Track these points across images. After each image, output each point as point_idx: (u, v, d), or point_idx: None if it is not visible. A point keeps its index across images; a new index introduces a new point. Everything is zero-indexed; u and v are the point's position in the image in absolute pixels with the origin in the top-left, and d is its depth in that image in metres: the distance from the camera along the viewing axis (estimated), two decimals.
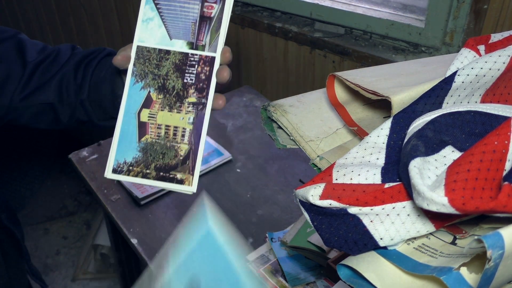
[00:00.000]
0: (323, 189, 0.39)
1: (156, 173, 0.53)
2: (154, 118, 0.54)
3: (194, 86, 0.54)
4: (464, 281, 0.32)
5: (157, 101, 0.54)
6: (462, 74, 0.43)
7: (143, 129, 0.54)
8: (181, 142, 0.54)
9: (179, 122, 0.54)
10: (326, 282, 0.87)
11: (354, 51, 1.24)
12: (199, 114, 0.54)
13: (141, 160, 0.53)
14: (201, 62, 0.54)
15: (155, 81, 0.54)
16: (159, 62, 0.54)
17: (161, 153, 0.53)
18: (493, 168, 0.32)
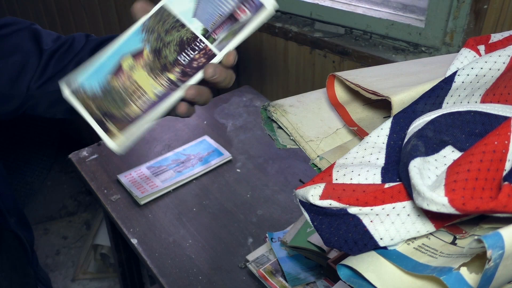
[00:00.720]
0: (323, 189, 0.39)
1: (99, 114, 0.56)
2: (132, 70, 0.55)
3: (182, 67, 0.55)
4: (464, 281, 0.32)
5: (145, 58, 0.55)
6: (462, 74, 0.43)
7: (118, 74, 0.55)
8: (136, 105, 0.55)
9: (148, 88, 0.55)
10: (326, 282, 0.87)
11: (354, 51, 1.24)
12: (168, 92, 0.55)
13: (97, 97, 0.55)
14: (202, 52, 0.55)
15: (156, 42, 0.55)
16: (170, 30, 0.55)
17: (114, 101, 0.55)
18: (493, 168, 0.32)
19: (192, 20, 0.55)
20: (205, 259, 0.96)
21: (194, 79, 0.55)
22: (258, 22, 0.53)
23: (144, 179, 1.16)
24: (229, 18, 0.54)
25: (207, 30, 0.54)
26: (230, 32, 0.54)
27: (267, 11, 0.53)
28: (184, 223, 1.05)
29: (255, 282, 0.91)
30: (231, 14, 0.54)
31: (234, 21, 0.54)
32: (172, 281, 0.91)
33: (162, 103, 0.55)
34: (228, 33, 0.54)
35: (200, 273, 0.93)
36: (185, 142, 1.31)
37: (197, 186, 1.17)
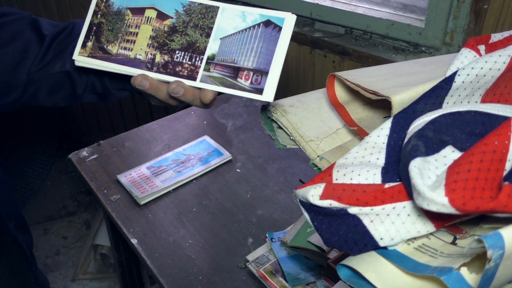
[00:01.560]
0: (323, 189, 0.39)
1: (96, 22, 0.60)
2: (145, 22, 0.58)
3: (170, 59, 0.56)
4: (464, 281, 0.32)
5: (162, 25, 0.57)
6: (462, 74, 0.43)
7: (137, 12, 0.58)
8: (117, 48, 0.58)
9: (137, 46, 0.58)
10: (326, 282, 0.87)
11: (354, 51, 1.24)
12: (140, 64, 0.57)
13: (109, 9, 0.59)
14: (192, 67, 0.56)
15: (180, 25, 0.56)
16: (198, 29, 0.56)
17: (112, 27, 0.59)
18: (493, 168, 0.32)
19: (217, 40, 0.55)
20: (205, 259, 0.96)
21: (165, 77, 0.56)
22: (246, 96, 0.54)
23: (144, 179, 1.16)
24: (233, 70, 0.54)
25: (213, 58, 0.55)
26: (221, 79, 0.54)
27: (260, 97, 0.53)
28: (184, 223, 1.05)
29: (255, 282, 0.91)
30: (238, 69, 0.54)
31: (233, 76, 0.54)
32: (172, 281, 0.91)
33: (130, 68, 0.57)
34: (220, 77, 0.54)
35: (200, 273, 0.93)
36: (185, 142, 1.31)
37: (197, 186, 1.17)
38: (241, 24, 0.54)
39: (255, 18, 0.54)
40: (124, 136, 1.34)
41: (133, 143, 1.32)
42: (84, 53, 0.59)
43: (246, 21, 0.54)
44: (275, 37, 0.53)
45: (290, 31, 0.52)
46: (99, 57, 0.58)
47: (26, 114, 2.43)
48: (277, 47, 0.52)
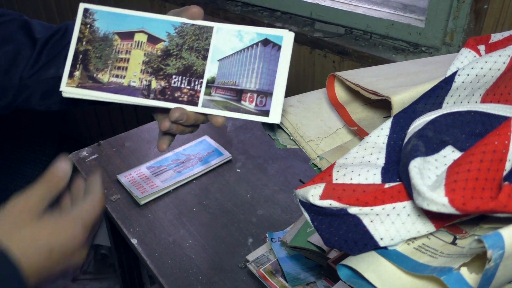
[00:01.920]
0: (323, 189, 0.39)
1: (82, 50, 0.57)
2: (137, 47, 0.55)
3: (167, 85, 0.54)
4: (464, 281, 0.32)
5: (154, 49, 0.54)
6: (462, 74, 0.43)
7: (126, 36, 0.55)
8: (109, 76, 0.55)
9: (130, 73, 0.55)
10: (326, 282, 0.87)
11: (354, 51, 1.24)
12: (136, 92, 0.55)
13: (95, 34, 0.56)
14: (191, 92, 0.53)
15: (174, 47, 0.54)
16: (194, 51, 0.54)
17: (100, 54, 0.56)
18: (493, 168, 0.32)
19: (214, 62, 0.53)
20: (205, 259, 0.96)
21: (164, 104, 0.54)
22: (252, 119, 0.52)
23: (144, 179, 1.16)
24: (236, 93, 0.52)
25: (213, 81, 0.53)
26: (224, 103, 0.52)
27: (267, 120, 0.51)
28: (184, 223, 1.05)
29: (255, 282, 0.91)
30: (241, 92, 0.52)
31: (237, 99, 0.52)
32: (172, 281, 0.91)
33: (124, 96, 0.54)
34: (222, 101, 0.52)
35: (200, 273, 0.93)
36: (185, 142, 1.31)
37: (197, 186, 1.17)
38: (238, 44, 0.52)
39: (252, 37, 0.52)
40: (124, 136, 1.34)
41: (133, 143, 1.32)
42: (72, 83, 0.55)
43: (243, 40, 0.52)
44: (275, 56, 0.51)
45: (290, 49, 0.51)
46: (89, 87, 0.55)
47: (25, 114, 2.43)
48: (278, 66, 0.51)
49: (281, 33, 0.51)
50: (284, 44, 0.51)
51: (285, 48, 0.51)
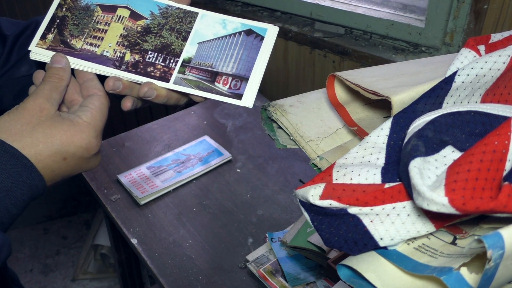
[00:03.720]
0: (323, 189, 0.39)
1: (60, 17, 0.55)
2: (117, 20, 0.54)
3: (141, 60, 0.53)
4: (464, 281, 0.32)
5: (134, 25, 0.54)
6: (462, 74, 0.43)
7: (108, 9, 0.55)
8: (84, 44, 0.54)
9: (106, 43, 0.54)
10: (326, 282, 0.87)
11: (354, 51, 1.24)
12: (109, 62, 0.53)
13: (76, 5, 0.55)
14: (165, 68, 0.53)
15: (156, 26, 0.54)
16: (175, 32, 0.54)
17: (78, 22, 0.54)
18: (493, 168, 0.32)
19: (194, 44, 0.53)
20: (205, 259, 0.96)
21: (134, 77, 0.53)
22: (222, 100, 0.52)
23: (144, 179, 1.16)
24: (211, 74, 0.52)
25: (189, 61, 0.53)
26: (197, 82, 0.52)
27: (239, 103, 0.51)
28: (184, 223, 1.05)
29: (255, 282, 0.91)
30: (216, 74, 0.52)
31: (211, 80, 0.52)
32: (172, 281, 0.91)
33: (95, 64, 0.53)
34: (195, 80, 0.52)
35: (200, 273, 0.93)
36: (185, 142, 1.31)
37: (197, 186, 1.17)
38: (221, 31, 0.53)
39: (236, 26, 0.52)
40: (124, 136, 1.34)
41: (133, 143, 1.32)
42: (43, 45, 0.53)
43: (227, 28, 0.53)
44: (256, 45, 0.51)
45: (272, 42, 0.51)
46: (60, 51, 0.53)
47: None
48: (258, 55, 0.51)
49: (266, 26, 0.52)
50: (268, 36, 0.52)
51: (267, 40, 0.52)
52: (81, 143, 0.47)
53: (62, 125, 0.47)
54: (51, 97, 0.48)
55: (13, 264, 1.97)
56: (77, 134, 0.47)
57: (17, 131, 0.45)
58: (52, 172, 0.46)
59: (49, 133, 0.46)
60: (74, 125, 0.48)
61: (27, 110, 0.46)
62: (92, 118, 0.49)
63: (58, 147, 0.46)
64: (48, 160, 0.46)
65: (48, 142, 0.46)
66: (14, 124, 0.45)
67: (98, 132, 0.49)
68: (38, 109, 0.46)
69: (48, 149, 0.46)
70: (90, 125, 0.48)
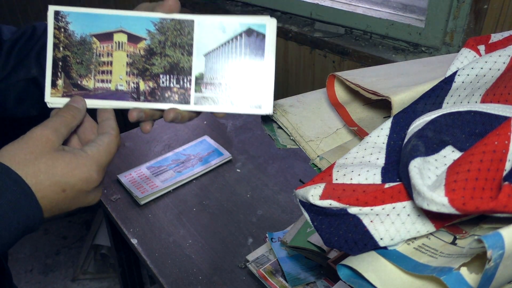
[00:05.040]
0: (323, 189, 0.39)
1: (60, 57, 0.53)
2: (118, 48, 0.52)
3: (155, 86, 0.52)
4: (464, 281, 0.32)
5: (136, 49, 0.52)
6: (462, 74, 0.43)
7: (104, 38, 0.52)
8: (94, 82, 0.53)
9: (116, 76, 0.52)
10: (326, 282, 0.87)
11: (354, 51, 1.24)
12: (126, 96, 0.53)
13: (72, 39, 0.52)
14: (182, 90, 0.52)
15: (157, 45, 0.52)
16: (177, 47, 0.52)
17: (80, 59, 0.53)
18: (493, 168, 0.32)
19: (200, 57, 0.52)
20: (205, 259, 0.96)
21: (155, 106, 0.52)
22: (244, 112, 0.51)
23: (144, 179, 1.16)
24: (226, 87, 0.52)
25: (202, 77, 0.52)
26: (216, 99, 0.52)
27: (260, 111, 0.51)
28: (184, 223, 1.05)
29: (255, 282, 0.91)
30: None
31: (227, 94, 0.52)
32: (172, 281, 0.91)
33: (114, 101, 0.52)
34: (214, 97, 0.52)
35: (200, 273, 0.93)
36: (185, 142, 1.31)
37: (197, 186, 1.17)
38: (222, 36, 0.51)
39: (235, 28, 0.51)
40: (124, 136, 1.34)
41: (133, 143, 1.32)
42: (57, 93, 0.52)
43: (227, 32, 0.51)
44: (260, 46, 0.51)
45: (274, 37, 0.51)
46: (75, 95, 0.53)
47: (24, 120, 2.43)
48: (264, 57, 0.51)
49: (264, 21, 0.51)
50: (268, 32, 0.51)
51: (269, 37, 0.51)
52: (81, 175, 0.47)
53: (64, 157, 0.47)
54: (59, 130, 0.48)
55: (13, 264, 1.97)
56: (78, 167, 0.47)
57: (20, 159, 0.45)
58: (50, 203, 0.46)
59: (51, 164, 0.46)
60: (77, 158, 0.47)
61: (33, 139, 0.46)
62: (96, 152, 0.49)
63: (58, 178, 0.46)
64: (48, 191, 0.46)
65: (49, 173, 0.46)
66: (19, 152, 0.46)
67: (100, 167, 0.49)
68: (44, 140, 0.47)
69: (49, 180, 0.46)
70: (92, 159, 0.48)
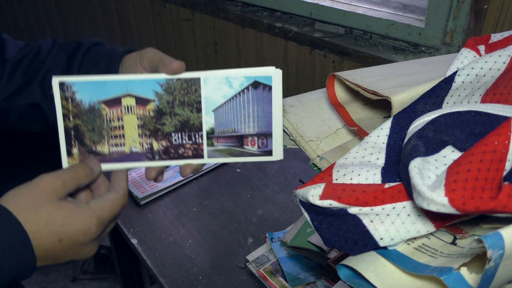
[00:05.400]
0: (323, 189, 0.39)
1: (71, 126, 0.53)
2: (127, 112, 0.53)
3: (169, 144, 0.53)
4: (464, 281, 0.32)
5: (146, 111, 0.52)
6: (462, 74, 0.43)
7: (113, 103, 0.52)
8: (108, 147, 0.53)
9: (129, 139, 0.53)
10: (326, 282, 0.87)
11: (354, 51, 1.24)
12: (141, 157, 0.53)
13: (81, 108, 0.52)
14: (195, 146, 0.53)
15: (165, 105, 0.52)
16: (186, 105, 0.52)
17: (92, 126, 0.53)
18: (493, 168, 0.32)
19: (209, 113, 0.52)
20: (205, 259, 0.96)
21: (170, 163, 0.54)
22: (257, 160, 0.53)
23: (144, 179, 1.16)
24: (237, 139, 0.53)
25: (213, 132, 0.53)
26: (228, 150, 0.53)
27: (270, 158, 0.53)
28: (184, 223, 1.05)
29: (255, 282, 0.91)
30: (242, 137, 0.53)
31: (239, 144, 0.53)
32: (172, 281, 0.91)
33: (130, 163, 0.53)
34: (226, 149, 0.53)
35: (200, 273, 0.93)
36: None
37: (197, 186, 1.17)
38: (229, 91, 0.52)
39: (241, 82, 0.51)
40: None
41: None
42: (74, 161, 0.53)
43: (233, 86, 0.52)
44: (267, 97, 0.51)
45: (280, 87, 0.51)
46: (89, 160, 0.53)
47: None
48: (273, 107, 0.52)
49: (269, 72, 0.51)
50: (274, 84, 0.51)
51: (276, 88, 0.51)
52: (80, 227, 0.47)
53: (66, 207, 0.47)
54: (68, 185, 0.48)
55: None
56: (78, 218, 0.47)
57: (24, 205, 0.45)
58: (45, 252, 0.46)
59: (52, 213, 0.46)
60: (78, 209, 0.48)
61: (40, 187, 0.47)
62: (99, 206, 0.49)
63: (57, 228, 0.46)
64: (44, 239, 0.46)
65: (49, 222, 0.46)
66: (23, 197, 0.46)
67: (100, 222, 0.49)
68: (51, 189, 0.47)
69: (48, 228, 0.45)
70: (94, 212, 0.48)
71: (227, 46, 1.64)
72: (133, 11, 1.96)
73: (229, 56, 1.65)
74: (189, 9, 1.68)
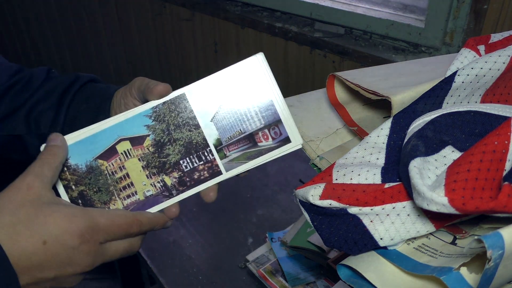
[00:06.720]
0: (323, 189, 0.39)
1: (78, 196, 0.48)
2: (126, 158, 0.48)
3: (181, 173, 0.49)
4: (464, 281, 0.32)
5: (144, 149, 0.48)
6: (462, 74, 0.43)
7: (109, 155, 0.48)
8: (121, 199, 0.49)
9: (139, 185, 0.49)
10: (326, 282, 0.87)
11: (354, 51, 1.24)
12: (158, 198, 0.49)
13: (79, 175, 0.48)
14: (208, 165, 0.49)
15: (162, 135, 0.48)
16: (182, 126, 0.48)
17: (97, 187, 0.48)
18: (493, 168, 0.32)
19: (208, 124, 0.48)
20: (205, 259, 0.96)
21: (189, 193, 0.50)
22: (278, 154, 0.48)
23: None
24: (248, 139, 0.48)
25: (221, 142, 0.49)
26: (244, 155, 0.49)
27: (291, 146, 0.48)
28: (184, 223, 1.05)
29: (255, 282, 0.91)
30: (252, 135, 0.49)
31: (252, 144, 0.49)
32: (172, 281, 0.91)
33: (151, 208, 0.49)
34: (242, 154, 0.49)
35: (200, 273, 0.93)
36: None
37: None
38: (219, 95, 0.48)
39: (228, 81, 0.48)
40: None
41: None
42: None
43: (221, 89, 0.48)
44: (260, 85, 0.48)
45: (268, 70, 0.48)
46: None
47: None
48: (269, 92, 0.48)
49: (252, 61, 0.48)
50: (261, 68, 0.48)
51: (264, 72, 0.48)
52: (67, 225, 0.40)
53: (50, 205, 0.41)
54: (42, 174, 0.43)
55: None
56: (65, 216, 0.41)
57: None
58: (28, 259, 0.39)
59: (32, 212, 0.40)
60: (65, 208, 0.41)
61: (14, 187, 0.41)
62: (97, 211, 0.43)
63: (38, 227, 0.39)
64: (25, 243, 0.39)
65: (29, 222, 0.39)
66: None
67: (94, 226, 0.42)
68: (25, 187, 0.41)
69: (28, 229, 0.39)
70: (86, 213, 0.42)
71: (227, 46, 1.64)
72: (133, 11, 1.96)
73: (229, 56, 1.65)
74: (189, 9, 1.68)
